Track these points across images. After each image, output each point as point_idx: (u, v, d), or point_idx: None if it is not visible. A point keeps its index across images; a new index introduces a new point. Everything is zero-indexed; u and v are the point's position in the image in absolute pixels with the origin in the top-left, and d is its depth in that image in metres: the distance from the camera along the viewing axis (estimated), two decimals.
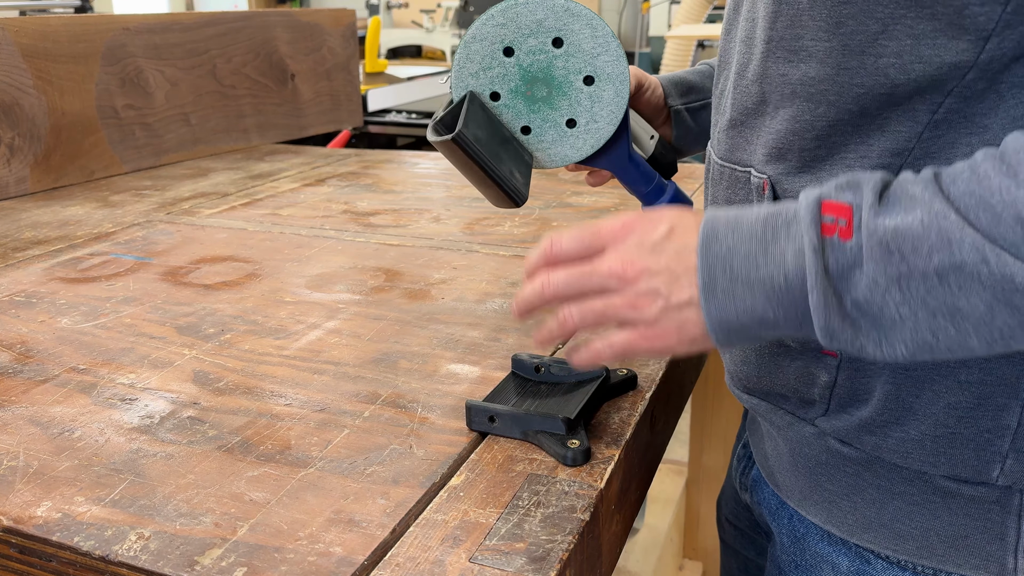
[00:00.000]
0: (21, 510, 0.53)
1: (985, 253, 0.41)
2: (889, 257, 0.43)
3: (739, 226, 0.48)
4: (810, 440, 0.60)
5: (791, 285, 0.45)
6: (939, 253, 0.41)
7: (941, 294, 0.42)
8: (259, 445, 0.60)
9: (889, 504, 0.57)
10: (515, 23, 0.66)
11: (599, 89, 0.68)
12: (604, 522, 0.56)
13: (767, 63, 0.53)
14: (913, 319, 0.43)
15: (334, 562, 0.48)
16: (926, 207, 0.42)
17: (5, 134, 1.32)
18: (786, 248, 0.45)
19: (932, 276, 0.42)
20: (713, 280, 0.47)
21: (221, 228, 1.16)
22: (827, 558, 0.62)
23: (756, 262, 0.46)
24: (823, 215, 0.45)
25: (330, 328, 0.81)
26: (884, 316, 0.44)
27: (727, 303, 0.47)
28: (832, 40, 0.49)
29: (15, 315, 0.85)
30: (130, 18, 1.51)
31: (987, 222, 0.41)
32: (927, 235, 0.42)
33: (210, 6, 5.56)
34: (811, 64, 0.50)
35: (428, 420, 0.64)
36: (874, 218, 0.43)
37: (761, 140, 0.56)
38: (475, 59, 0.67)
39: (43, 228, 1.17)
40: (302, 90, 1.89)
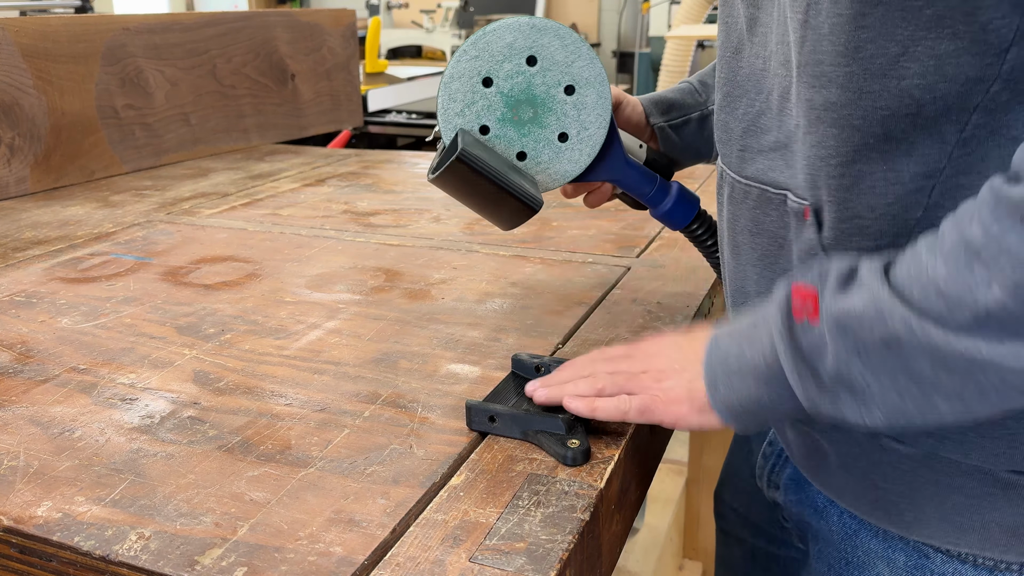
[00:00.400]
0: (21, 510, 0.53)
1: (911, 325, 0.45)
2: (844, 333, 0.48)
3: (734, 331, 0.56)
4: (861, 441, 0.60)
5: (771, 366, 0.52)
6: (878, 328, 0.47)
7: (892, 360, 0.47)
8: (259, 445, 0.60)
9: (948, 499, 0.57)
10: (487, 52, 0.66)
11: (581, 95, 0.68)
12: (604, 522, 0.56)
13: (799, 88, 0.54)
14: (878, 384, 0.48)
15: (334, 562, 0.48)
16: (867, 289, 0.48)
17: (5, 134, 1.33)
18: (763, 336, 0.52)
19: (880, 346, 0.47)
20: (714, 377, 0.55)
21: (221, 228, 1.16)
22: (882, 554, 0.62)
23: (744, 353, 0.54)
24: (793, 301, 0.51)
25: (330, 328, 0.81)
26: (855, 384, 0.49)
27: (728, 393, 0.55)
28: (852, 65, 0.49)
29: (15, 315, 0.85)
30: (130, 18, 1.51)
31: (918, 297, 0.45)
32: (867, 312, 0.47)
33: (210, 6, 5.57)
34: (832, 90, 0.51)
35: (428, 420, 0.64)
36: (831, 302, 0.49)
37: (799, 165, 0.56)
38: (457, 98, 0.67)
39: (43, 228, 1.17)
40: (302, 90, 1.89)
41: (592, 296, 0.87)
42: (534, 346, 0.76)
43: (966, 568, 0.59)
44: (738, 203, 0.63)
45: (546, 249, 1.04)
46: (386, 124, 2.60)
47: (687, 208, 0.78)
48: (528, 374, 0.68)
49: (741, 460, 0.83)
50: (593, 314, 0.83)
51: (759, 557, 0.84)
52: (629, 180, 0.76)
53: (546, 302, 0.86)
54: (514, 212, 0.69)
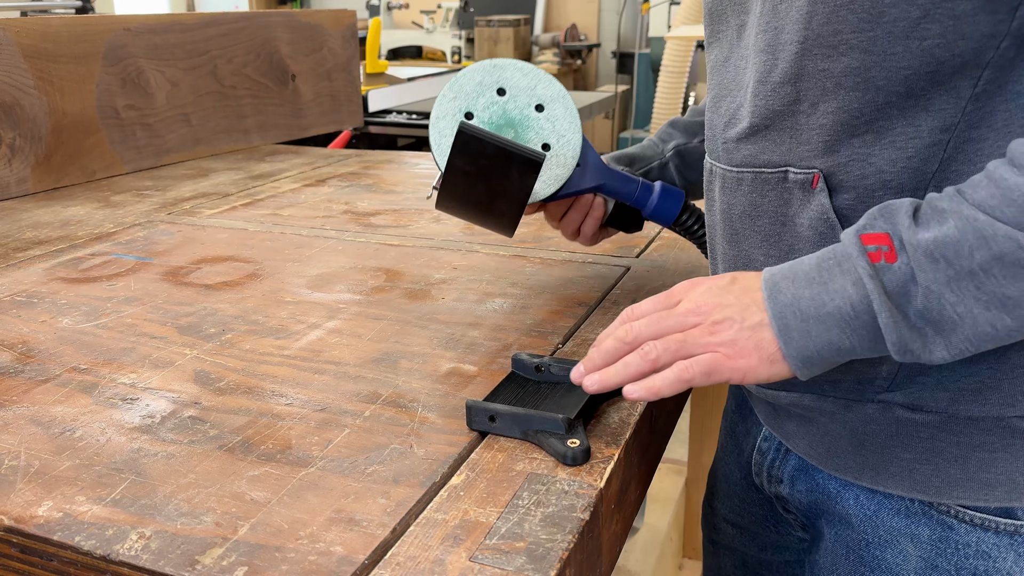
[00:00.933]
0: (22, 510, 0.53)
1: (1019, 240, 0.46)
2: (936, 265, 0.48)
3: (796, 276, 0.54)
4: (874, 416, 0.60)
5: (859, 311, 0.51)
6: (979, 251, 0.47)
7: (989, 287, 0.47)
8: (260, 445, 0.60)
9: (971, 457, 0.58)
10: (463, 92, 0.76)
11: (551, 110, 0.77)
12: (604, 521, 0.56)
13: (803, 62, 0.55)
14: (971, 316, 0.48)
15: (335, 561, 0.48)
16: (957, 214, 0.48)
17: (6, 134, 1.33)
18: (844, 282, 0.51)
19: (978, 272, 0.47)
20: (787, 325, 0.53)
21: (222, 228, 1.16)
22: (905, 531, 0.63)
23: (822, 300, 0.52)
24: (866, 246, 0.51)
25: (331, 328, 0.81)
26: (944, 319, 0.49)
27: (805, 341, 0.53)
28: (876, 29, 0.52)
29: (16, 315, 0.85)
30: (131, 19, 1.51)
31: (1012, 216, 0.46)
32: (964, 238, 0.47)
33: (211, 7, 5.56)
34: (854, 55, 0.53)
35: (428, 420, 0.64)
36: (914, 235, 0.49)
37: (802, 138, 0.57)
38: (447, 133, 0.76)
39: (44, 228, 1.17)
40: (303, 91, 1.89)
41: (592, 296, 0.88)
42: (534, 346, 0.76)
43: (988, 535, 0.60)
44: (732, 191, 0.65)
45: (546, 249, 1.04)
46: (386, 124, 2.60)
47: (674, 201, 0.83)
48: (528, 374, 0.68)
49: (731, 464, 0.83)
50: (593, 314, 0.83)
51: (751, 564, 0.84)
52: (613, 184, 0.82)
53: (546, 302, 0.87)
54: (521, 176, 0.74)
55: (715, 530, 0.88)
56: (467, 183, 0.75)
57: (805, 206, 0.58)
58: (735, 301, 0.55)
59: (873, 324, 0.51)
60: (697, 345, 0.56)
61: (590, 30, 5.27)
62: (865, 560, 0.65)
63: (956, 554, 0.61)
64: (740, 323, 0.55)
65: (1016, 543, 0.60)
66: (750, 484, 0.79)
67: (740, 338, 0.55)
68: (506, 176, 0.74)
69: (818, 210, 0.57)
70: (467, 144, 0.72)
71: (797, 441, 0.67)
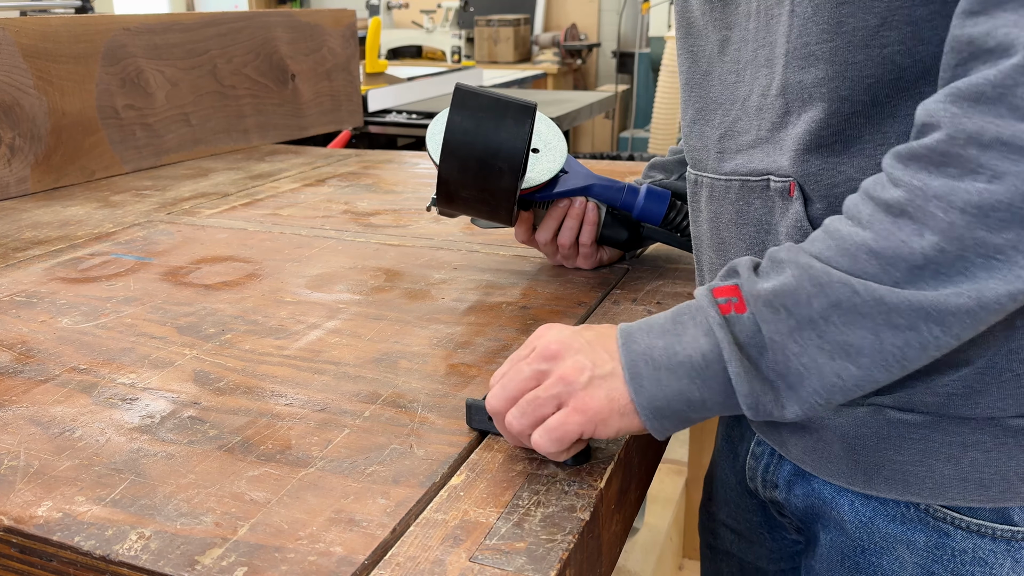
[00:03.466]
0: (22, 510, 0.53)
1: (853, 285, 0.46)
2: (777, 315, 0.49)
3: (651, 328, 0.54)
4: (865, 419, 0.60)
5: (709, 361, 0.51)
6: (816, 298, 0.47)
7: (830, 335, 0.48)
8: (259, 445, 0.60)
9: (964, 457, 0.58)
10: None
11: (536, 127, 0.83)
12: (604, 522, 0.56)
13: (787, 74, 0.56)
14: (816, 367, 0.48)
15: (334, 561, 0.48)
16: (794, 264, 0.49)
17: (6, 134, 1.33)
18: (696, 333, 0.52)
19: (818, 321, 0.48)
20: (638, 372, 0.52)
21: (221, 228, 1.16)
22: (901, 537, 0.62)
23: (674, 349, 0.52)
24: (716, 298, 0.52)
25: (330, 328, 0.81)
26: (791, 371, 0.49)
27: (655, 390, 0.52)
28: (837, 39, 0.52)
29: (16, 315, 0.85)
30: (130, 18, 1.51)
31: (847, 265, 0.47)
32: (801, 286, 0.48)
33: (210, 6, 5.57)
34: (820, 66, 0.54)
35: (428, 420, 0.64)
36: (753, 286, 0.50)
37: (785, 147, 0.58)
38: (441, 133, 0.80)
39: (44, 228, 1.17)
40: (302, 90, 1.89)
41: (592, 296, 0.88)
42: None
43: (985, 542, 0.60)
44: (719, 199, 0.65)
45: None
46: (386, 124, 2.60)
47: (660, 200, 0.88)
48: None
49: (727, 469, 0.82)
50: (593, 314, 0.83)
51: (748, 571, 0.84)
52: (599, 188, 0.87)
53: (546, 302, 0.86)
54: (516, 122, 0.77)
55: (713, 535, 0.88)
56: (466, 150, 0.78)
57: (784, 214, 0.59)
58: (586, 344, 0.55)
59: (724, 375, 0.50)
60: (549, 399, 0.54)
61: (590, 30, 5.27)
62: (861, 567, 0.65)
63: (952, 561, 0.61)
64: (591, 370, 0.53)
65: (1013, 549, 0.60)
66: (744, 489, 0.78)
67: (591, 386, 0.53)
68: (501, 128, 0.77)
69: (794, 218, 0.58)
70: (464, 99, 0.77)
71: (790, 448, 0.67)
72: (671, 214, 0.88)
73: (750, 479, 0.76)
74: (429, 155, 0.83)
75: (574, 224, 0.89)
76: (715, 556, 0.88)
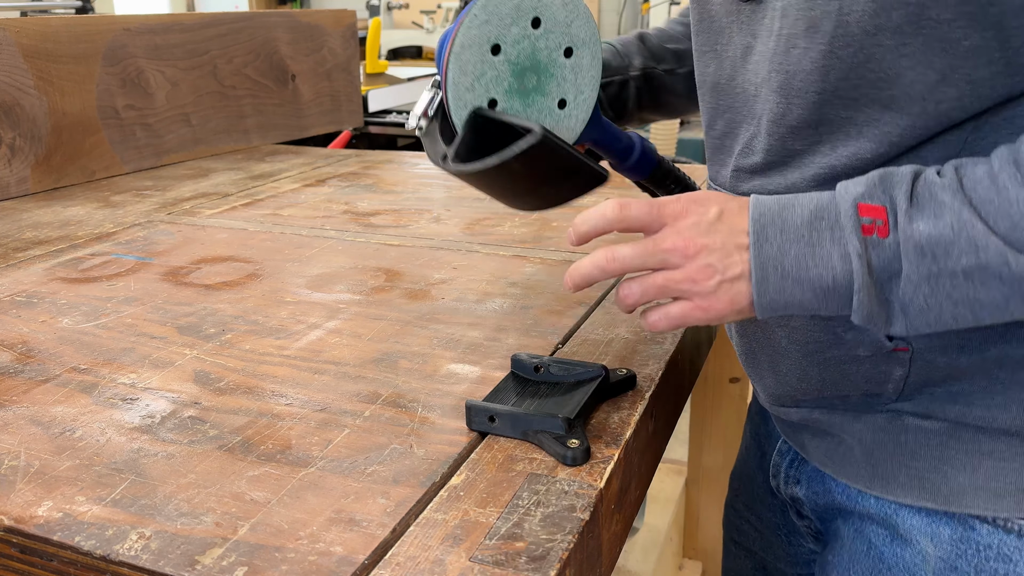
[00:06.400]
0: (22, 510, 0.53)
1: (1007, 257, 0.47)
2: (922, 258, 0.49)
3: (786, 226, 0.52)
4: (884, 425, 0.60)
5: (839, 285, 0.51)
6: (967, 256, 0.48)
7: (965, 289, 0.48)
8: (260, 445, 0.60)
9: (981, 466, 0.58)
10: (496, 16, 0.62)
11: (578, 58, 0.66)
12: (604, 522, 0.56)
13: (823, 111, 0.55)
14: (938, 308, 0.49)
15: (334, 561, 0.48)
16: (955, 214, 0.48)
17: (6, 134, 1.33)
18: (831, 251, 0.51)
19: (959, 275, 0.48)
20: (766, 277, 0.52)
21: (222, 228, 1.16)
22: (925, 530, 0.62)
23: (805, 263, 0.52)
24: (861, 217, 0.50)
25: (331, 328, 0.81)
26: (913, 305, 0.50)
27: (778, 297, 0.53)
28: (893, 89, 0.52)
29: (16, 315, 0.85)
30: (131, 19, 1.51)
31: (1006, 228, 0.47)
32: (957, 240, 0.48)
33: (211, 7, 5.56)
34: (874, 109, 0.53)
35: (428, 420, 0.64)
36: (909, 223, 0.49)
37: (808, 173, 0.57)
38: (467, 70, 0.62)
39: (44, 228, 1.17)
40: (303, 91, 1.89)
41: (592, 296, 0.88)
42: (534, 346, 0.76)
43: (1011, 538, 0.59)
44: None
45: (546, 249, 1.04)
46: (386, 124, 2.60)
47: (650, 156, 0.80)
48: (528, 374, 0.68)
49: (755, 467, 0.82)
50: (593, 314, 0.83)
51: (770, 569, 0.84)
52: (607, 138, 0.75)
53: (546, 302, 0.86)
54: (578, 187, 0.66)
55: (738, 531, 0.88)
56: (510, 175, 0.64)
57: None
58: (720, 245, 0.54)
59: (848, 297, 0.51)
60: (676, 291, 0.55)
61: None
62: (885, 558, 0.65)
63: (976, 556, 0.60)
64: (721, 274, 0.54)
65: None
66: (768, 488, 0.78)
67: (719, 290, 0.54)
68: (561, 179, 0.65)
69: None
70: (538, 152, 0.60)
71: (811, 451, 0.67)
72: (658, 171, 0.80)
73: (773, 476, 0.76)
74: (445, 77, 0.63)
75: None
76: (738, 552, 0.89)
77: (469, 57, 0.62)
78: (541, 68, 0.64)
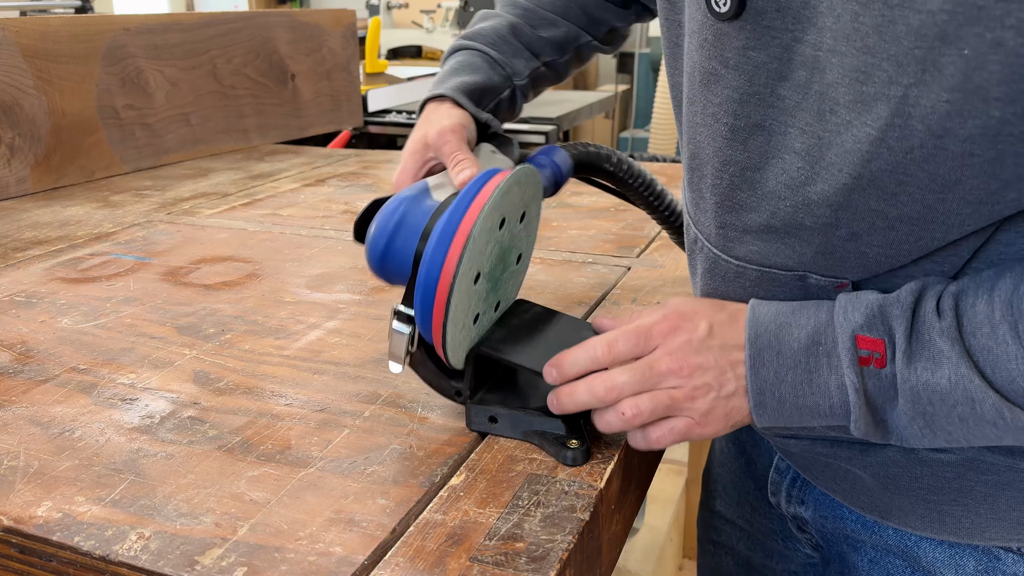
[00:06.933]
0: (21, 510, 0.53)
1: (1003, 411, 0.47)
2: (918, 401, 0.49)
3: (782, 350, 0.52)
4: (897, 459, 0.58)
5: (835, 411, 0.51)
6: (962, 406, 0.48)
7: (960, 429, 0.49)
8: (259, 445, 0.60)
9: (1000, 496, 0.57)
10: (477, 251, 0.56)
11: (531, 212, 0.65)
12: (604, 522, 0.56)
13: (852, 196, 0.48)
14: (932, 438, 0.50)
15: (334, 562, 0.48)
16: (953, 367, 0.48)
17: (5, 134, 1.33)
18: (829, 380, 0.51)
19: (955, 419, 0.49)
20: (763, 403, 0.53)
21: (221, 228, 1.16)
22: (949, 562, 0.61)
23: (803, 391, 0.52)
24: (859, 349, 0.50)
25: (330, 328, 0.81)
26: (908, 432, 0.51)
27: (776, 419, 0.53)
28: (947, 193, 0.45)
29: (15, 315, 0.85)
30: (130, 18, 1.51)
31: (1003, 382, 0.47)
32: (953, 392, 0.48)
33: (210, 6, 5.56)
34: (915, 207, 0.47)
35: (428, 420, 0.64)
36: (907, 364, 0.49)
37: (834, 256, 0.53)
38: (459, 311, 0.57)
39: (43, 228, 1.17)
40: (302, 90, 1.89)
41: (592, 296, 0.87)
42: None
43: None
44: (724, 280, 0.59)
45: (546, 249, 1.04)
46: (386, 124, 2.60)
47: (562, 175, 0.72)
48: None
49: (741, 472, 0.81)
50: (593, 314, 0.83)
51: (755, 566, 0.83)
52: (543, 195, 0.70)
53: (546, 302, 0.86)
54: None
55: (716, 531, 0.87)
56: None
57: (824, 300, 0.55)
58: (714, 363, 0.54)
59: (844, 420, 0.52)
60: (677, 410, 0.55)
61: None
62: None
63: None
64: (717, 391, 0.54)
65: None
66: (764, 499, 0.77)
67: (715, 408, 0.54)
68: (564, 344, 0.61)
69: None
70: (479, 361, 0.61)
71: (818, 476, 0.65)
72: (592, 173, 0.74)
73: (772, 492, 0.74)
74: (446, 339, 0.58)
75: None
76: (717, 551, 0.87)
77: (460, 298, 0.56)
78: (506, 250, 0.62)
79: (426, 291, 0.56)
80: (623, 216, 1.17)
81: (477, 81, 0.73)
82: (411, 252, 0.58)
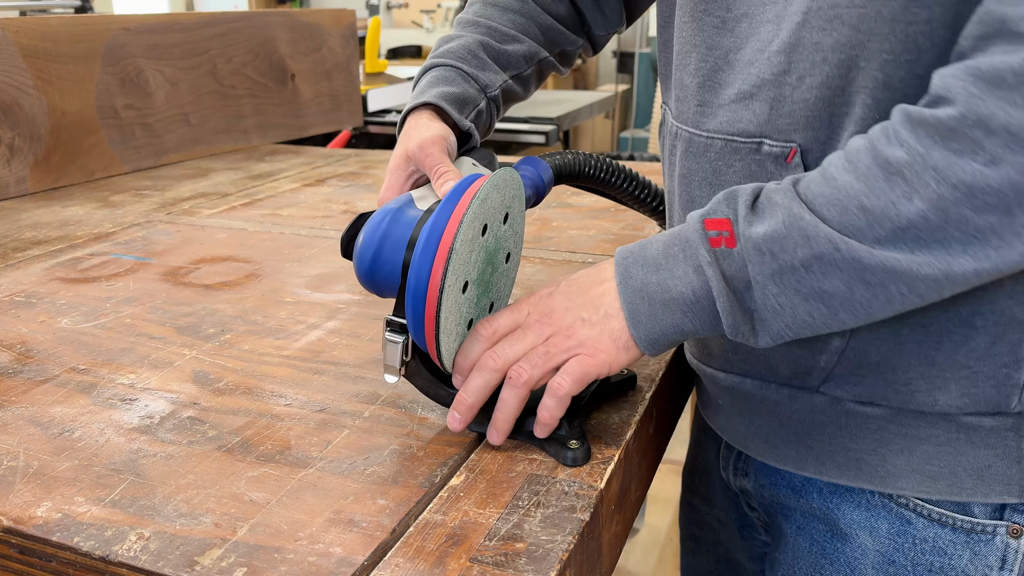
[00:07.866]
0: (21, 510, 0.53)
1: (836, 243, 0.49)
2: (762, 258, 0.51)
3: (645, 260, 0.56)
4: (823, 407, 0.61)
5: (699, 297, 0.53)
6: (801, 248, 0.50)
7: (808, 281, 0.50)
8: (259, 445, 0.60)
9: (916, 449, 0.60)
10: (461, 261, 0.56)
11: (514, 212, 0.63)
12: (604, 522, 0.56)
13: (801, 32, 0.54)
14: (791, 306, 0.51)
15: (334, 562, 0.48)
16: (786, 210, 0.51)
17: (5, 134, 1.32)
18: (687, 268, 0.54)
19: (799, 268, 0.50)
20: (635, 310, 0.56)
21: (221, 228, 1.16)
22: (864, 524, 0.64)
23: (666, 285, 0.55)
24: (707, 231, 0.53)
25: (330, 328, 0.81)
26: (767, 308, 0.52)
27: (651, 324, 0.55)
28: (868, 7, 0.51)
29: (15, 315, 0.85)
30: (130, 18, 1.51)
31: (836, 216, 0.49)
32: (790, 234, 0.50)
33: (210, 6, 5.56)
34: (844, 31, 0.53)
35: (428, 420, 0.64)
36: (747, 228, 0.52)
37: (783, 111, 0.57)
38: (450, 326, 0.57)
39: (43, 228, 1.17)
40: (302, 90, 1.89)
41: None
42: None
43: (946, 532, 0.61)
44: (696, 157, 0.63)
45: (546, 249, 1.04)
46: (386, 124, 2.60)
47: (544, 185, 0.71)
48: None
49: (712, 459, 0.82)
50: None
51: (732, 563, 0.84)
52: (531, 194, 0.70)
53: None
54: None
55: (698, 526, 0.88)
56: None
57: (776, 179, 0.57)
58: (581, 301, 0.57)
59: (712, 308, 0.53)
60: (560, 352, 0.57)
61: None
62: (827, 553, 0.66)
63: (913, 549, 0.62)
64: (589, 319, 0.57)
65: (972, 541, 0.61)
66: (722, 481, 0.79)
67: (594, 334, 0.56)
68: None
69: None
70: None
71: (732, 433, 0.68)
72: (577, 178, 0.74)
73: (723, 468, 0.77)
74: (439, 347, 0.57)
75: None
76: (699, 547, 0.89)
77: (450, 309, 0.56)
78: (492, 254, 0.61)
79: (416, 300, 0.56)
80: (623, 216, 1.17)
81: (455, 92, 0.75)
82: (399, 263, 0.59)
